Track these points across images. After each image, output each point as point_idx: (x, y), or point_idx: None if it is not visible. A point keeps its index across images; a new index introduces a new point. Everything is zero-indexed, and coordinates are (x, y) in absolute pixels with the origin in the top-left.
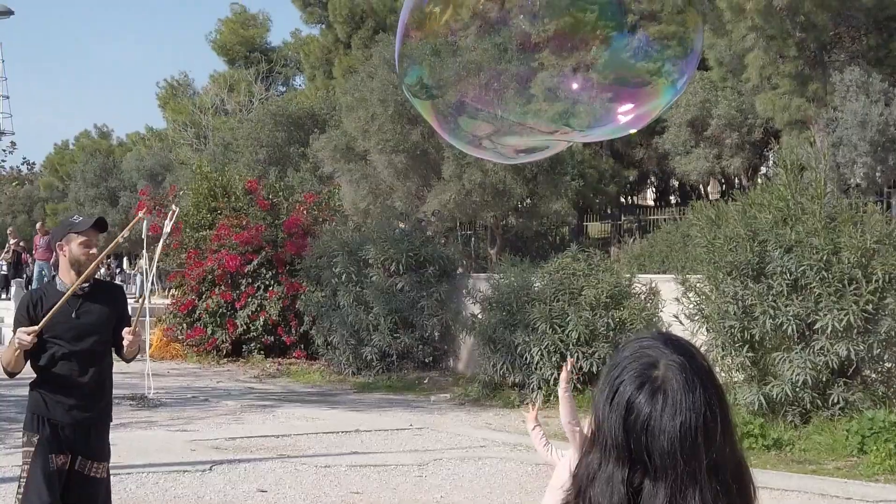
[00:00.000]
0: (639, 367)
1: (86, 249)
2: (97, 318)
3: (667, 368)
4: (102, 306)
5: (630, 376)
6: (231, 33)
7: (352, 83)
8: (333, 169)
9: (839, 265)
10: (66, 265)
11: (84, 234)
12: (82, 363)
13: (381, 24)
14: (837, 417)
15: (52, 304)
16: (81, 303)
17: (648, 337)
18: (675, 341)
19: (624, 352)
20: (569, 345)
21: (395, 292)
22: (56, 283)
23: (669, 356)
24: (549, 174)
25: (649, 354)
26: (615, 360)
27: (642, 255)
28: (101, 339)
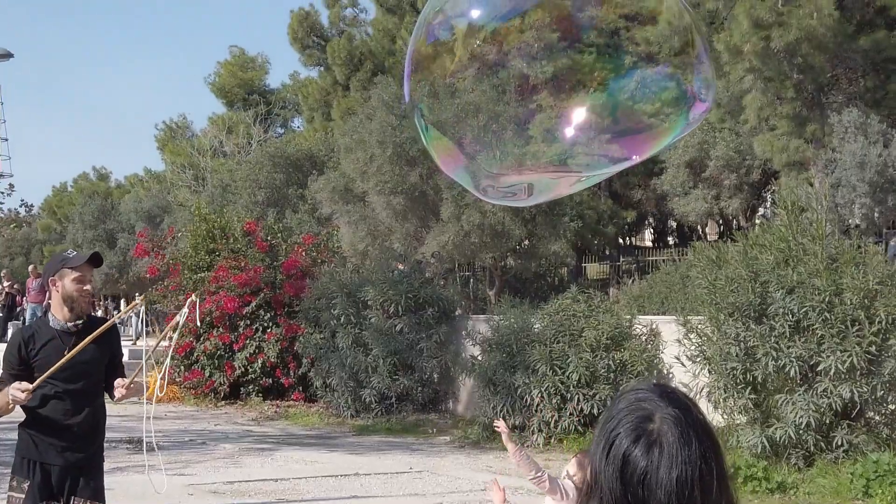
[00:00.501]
0: (634, 419)
1: (79, 285)
2: (91, 357)
3: (662, 421)
4: (96, 344)
5: (626, 429)
6: (230, 76)
7: (350, 125)
8: (332, 210)
9: (841, 306)
10: (59, 301)
11: (78, 270)
12: (76, 403)
13: (379, 66)
14: (841, 460)
15: (45, 341)
16: (75, 341)
17: (644, 388)
18: (671, 394)
19: (619, 404)
20: (569, 386)
21: (394, 334)
22: (49, 320)
23: (665, 409)
24: (548, 215)
25: (645, 407)
26: (611, 413)
27: (642, 296)
28: (94, 378)
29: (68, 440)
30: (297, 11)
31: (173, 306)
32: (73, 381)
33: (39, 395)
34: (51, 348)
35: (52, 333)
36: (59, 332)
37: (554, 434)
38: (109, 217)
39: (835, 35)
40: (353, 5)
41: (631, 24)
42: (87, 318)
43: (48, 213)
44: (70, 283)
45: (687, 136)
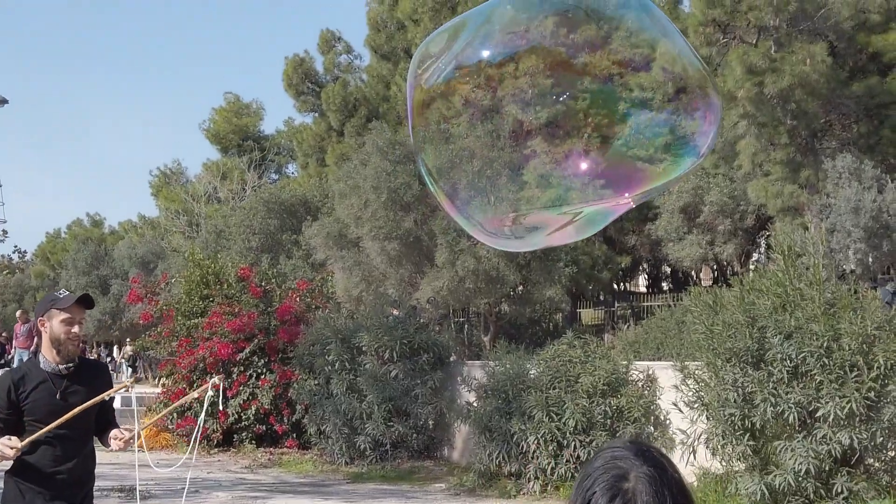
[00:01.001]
0: (610, 478)
1: (67, 327)
2: (84, 399)
3: (637, 480)
4: (88, 388)
5: (602, 488)
6: (224, 122)
7: (345, 170)
8: (326, 256)
9: (840, 352)
10: (48, 343)
11: (67, 311)
12: (66, 449)
13: (373, 112)
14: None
15: (36, 384)
16: (66, 384)
17: (620, 447)
18: (647, 452)
19: (596, 462)
20: (566, 433)
21: (388, 380)
22: (39, 362)
23: (640, 468)
24: (543, 261)
25: (620, 466)
26: (587, 471)
27: (637, 342)
28: (85, 424)
29: (57, 488)
30: (292, 58)
31: (166, 353)
32: (63, 427)
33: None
34: (42, 391)
35: (43, 376)
36: (50, 375)
37: (550, 481)
38: (103, 263)
39: (828, 81)
40: (348, 52)
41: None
42: (79, 361)
43: (41, 259)
44: (58, 324)
45: (681, 182)
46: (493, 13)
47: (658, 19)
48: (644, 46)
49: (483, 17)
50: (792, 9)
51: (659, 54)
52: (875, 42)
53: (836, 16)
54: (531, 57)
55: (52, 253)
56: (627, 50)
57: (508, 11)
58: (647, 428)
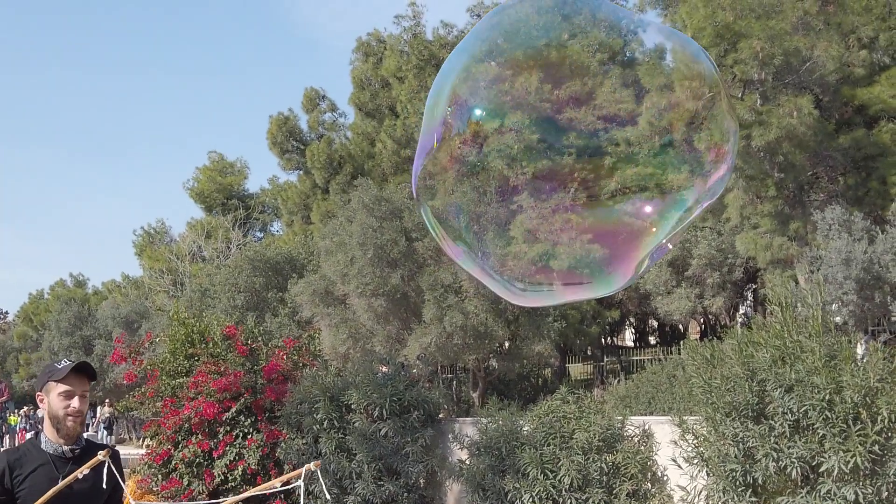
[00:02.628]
0: None
1: (66, 401)
2: (91, 487)
3: None
4: (96, 474)
5: None
6: (208, 181)
7: (330, 227)
8: (312, 313)
9: (842, 404)
10: (48, 421)
11: (64, 382)
12: None
13: (359, 168)
14: None
15: (35, 467)
16: (70, 467)
17: None
18: None
19: None
20: (561, 490)
21: (378, 438)
22: (40, 441)
23: None
24: (531, 316)
25: None
26: None
27: (628, 396)
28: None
29: None
30: (276, 116)
31: (150, 413)
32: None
33: None
34: (41, 475)
35: (44, 458)
36: (52, 458)
37: None
38: (86, 323)
39: (815, 134)
40: (332, 110)
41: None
42: (86, 443)
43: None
44: (56, 398)
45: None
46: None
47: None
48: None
49: None
50: (777, 62)
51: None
52: (860, 95)
53: (820, 69)
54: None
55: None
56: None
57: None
58: (645, 485)
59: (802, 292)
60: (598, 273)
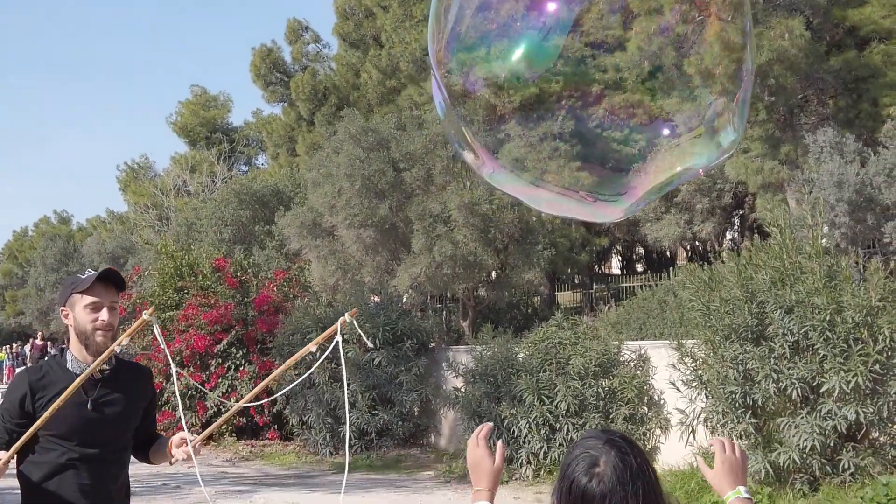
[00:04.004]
0: (585, 465)
1: (94, 314)
2: (122, 411)
3: (605, 465)
4: (128, 394)
5: (579, 472)
6: (192, 115)
7: (317, 159)
8: (300, 246)
9: (843, 325)
10: (75, 338)
11: (90, 293)
12: (99, 474)
13: (344, 100)
14: (848, 484)
15: (60, 390)
16: (100, 389)
17: (593, 437)
18: (615, 441)
19: (575, 451)
20: (558, 416)
21: (372, 368)
22: (66, 360)
23: (608, 454)
24: (521, 244)
25: (593, 454)
26: (568, 459)
27: (619, 323)
28: (122, 442)
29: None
30: (259, 48)
31: (140, 347)
32: (95, 445)
33: (49, 465)
34: (69, 399)
35: (70, 379)
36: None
37: (543, 465)
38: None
39: (806, 56)
40: (316, 41)
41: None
42: (117, 363)
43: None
44: (82, 312)
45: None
46: None
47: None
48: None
49: None
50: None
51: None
52: (851, 16)
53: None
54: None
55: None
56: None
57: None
58: (641, 408)
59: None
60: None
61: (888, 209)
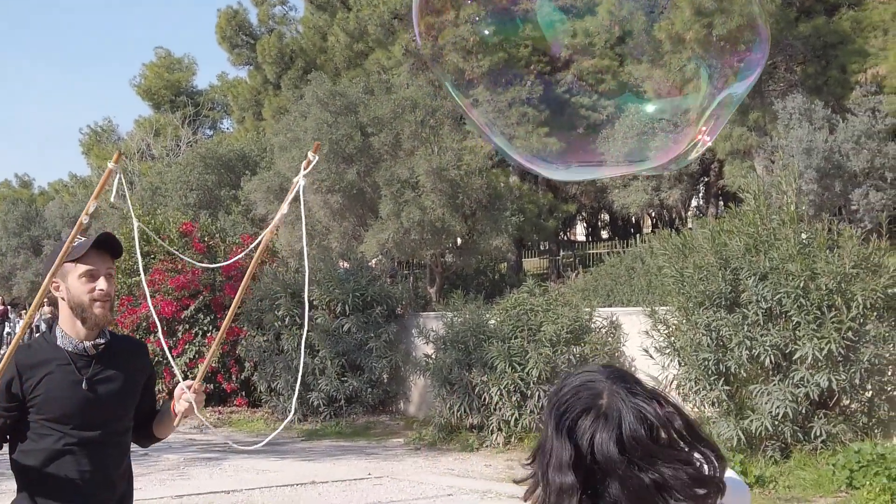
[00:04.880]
0: (585, 397)
1: (90, 283)
2: (120, 389)
3: (611, 397)
4: (125, 371)
5: (580, 405)
6: (156, 77)
7: (283, 123)
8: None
9: (817, 292)
10: (68, 312)
11: (85, 262)
12: (99, 459)
13: (311, 63)
14: (820, 451)
15: (51, 370)
16: (95, 367)
17: (593, 370)
18: (618, 372)
19: (570, 382)
20: (529, 383)
21: (341, 334)
22: (56, 337)
23: (612, 386)
24: (489, 210)
25: (594, 386)
26: (560, 393)
27: (587, 289)
28: (123, 423)
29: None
30: (225, 10)
31: None
32: (93, 427)
33: (44, 451)
34: (59, 378)
35: (62, 357)
36: (71, 356)
37: (514, 433)
38: (34, 224)
39: (777, 22)
40: (283, 3)
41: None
42: (111, 337)
43: None
44: (77, 282)
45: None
46: None
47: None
48: None
49: None
50: None
51: None
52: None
53: None
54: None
55: None
56: None
57: None
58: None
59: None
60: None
61: (856, 176)
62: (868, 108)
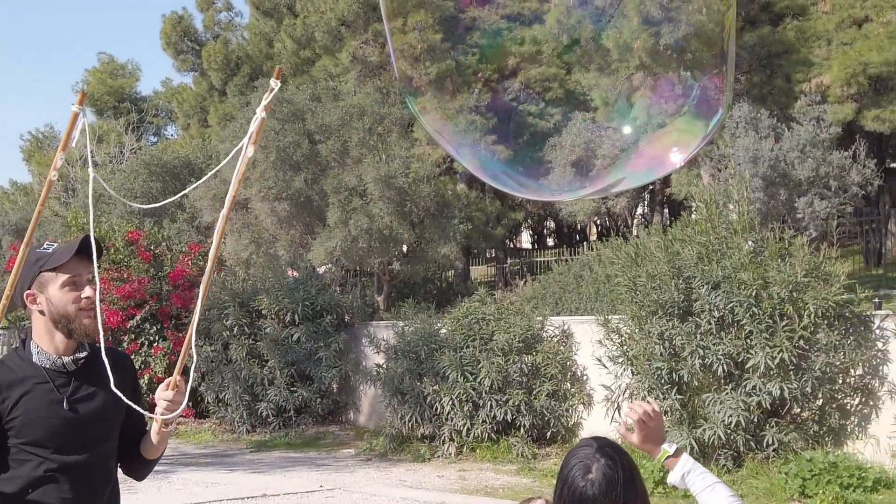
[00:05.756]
0: (580, 470)
1: (75, 293)
2: (101, 408)
3: (597, 471)
4: (108, 388)
5: (576, 477)
6: (99, 83)
7: (230, 130)
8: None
9: (769, 300)
10: (45, 325)
11: (65, 270)
12: (83, 485)
13: (257, 70)
14: (772, 459)
15: (28, 389)
16: (75, 384)
17: (587, 445)
18: (605, 449)
19: (571, 460)
20: (481, 392)
21: (290, 344)
22: (31, 353)
23: (599, 461)
24: (437, 217)
25: (586, 462)
26: (566, 466)
27: (535, 298)
28: (108, 445)
29: None
30: (170, 15)
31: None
32: (76, 451)
33: (23, 478)
34: (37, 398)
35: (39, 374)
36: (49, 373)
37: (466, 443)
38: None
39: None
40: (228, 9)
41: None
42: (90, 350)
43: None
44: (59, 292)
45: (573, 136)
46: None
47: None
48: None
49: None
50: None
51: None
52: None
53: None
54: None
55: None
56: None
57: None
58: (564, 384)
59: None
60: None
61: (801, 184)
62: (813, 118)
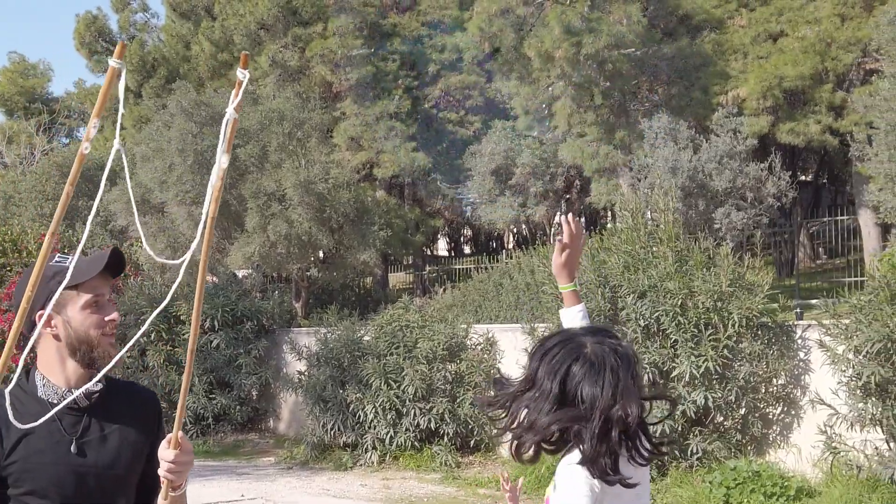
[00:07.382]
0: (574, 347)
1: (99, 315)
2: (117, 451)
3: (592, 347)
4: (125, 427)
5: (573, 357)
6: (9, 83)
7: (146, 133)
8: (128, 222)
9: (695, 309)
10: (58, 353)
11: (86, 289)
12: None
13: (174, 72)
14: (696, 468)
15: (31, 429)
16: (86, 422)
17: (579, 332)
18: (595, 330)
19: (565, 343)
20: (405, 400)
21: (209, 350)
22: (36, 386)
23: (591, 339)
24: (356, 224)
25: (580, 341)
26: (557, 351)
27: (455, 305)
28: (123, 491)
29: None
30: (84, 15)
31: None
32: (87, 497)
33: None
34: (42, 438)
35: (45, 411)
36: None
37: (389, 451)
38: None
39: (643, 42)
40: (144, 10)
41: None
42: (107, 381)
43: None
44: (80, 315)
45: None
46: None
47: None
48: None
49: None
50: None
51: None
52: (685, 4)
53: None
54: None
55: None
56: None
57: None
58: (489, 393)
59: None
60: None
61: (718, 195)
62: (730, 129)
